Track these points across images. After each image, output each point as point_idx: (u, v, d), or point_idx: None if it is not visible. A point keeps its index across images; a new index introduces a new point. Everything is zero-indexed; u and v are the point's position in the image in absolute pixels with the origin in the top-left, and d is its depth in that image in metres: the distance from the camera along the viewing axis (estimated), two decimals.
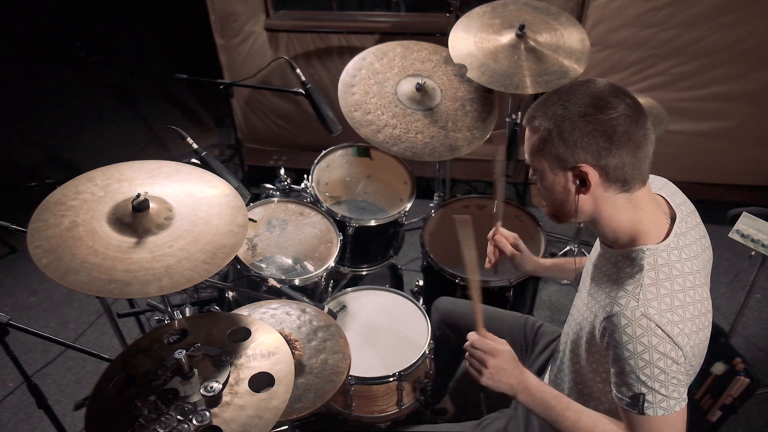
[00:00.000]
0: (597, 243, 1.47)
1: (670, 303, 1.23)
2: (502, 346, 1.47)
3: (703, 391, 2.21)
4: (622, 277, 1.29)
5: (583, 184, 1.26)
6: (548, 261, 1.92)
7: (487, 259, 1.89)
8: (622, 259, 1.32)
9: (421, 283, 2.65)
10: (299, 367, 1.67)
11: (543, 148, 1.27)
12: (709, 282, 1.40)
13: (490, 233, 1.88)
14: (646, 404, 1.23)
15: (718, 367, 2.20)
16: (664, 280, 1.25)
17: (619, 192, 1.27)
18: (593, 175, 1.24)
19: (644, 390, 1.22)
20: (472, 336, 1.50)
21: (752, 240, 2.15)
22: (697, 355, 1.30)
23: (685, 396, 1.25)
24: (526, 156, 1.33)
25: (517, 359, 1.47)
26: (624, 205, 1.28)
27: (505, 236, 1.86)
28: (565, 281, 1.88)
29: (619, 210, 1.29)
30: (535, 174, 1.34)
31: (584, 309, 1.41)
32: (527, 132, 1.31)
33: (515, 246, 1.86)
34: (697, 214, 1.43)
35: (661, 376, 1.21)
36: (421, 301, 2.51)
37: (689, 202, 1.44)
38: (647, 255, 1.27)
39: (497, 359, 1.44)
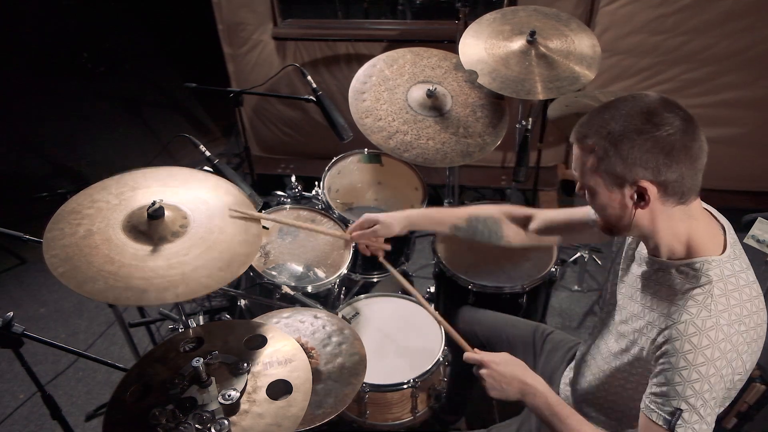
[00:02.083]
0: (638, 255, 1.44)
1: (740, 313, 1.22)
2: (496, 357, 1.53)
3: None
4: (688, 287, 1.27)
5: (642, 199, 1.25)
6: (414, 212, 1.89)
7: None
8: (685, 269, 1.29)
9: (432, 289, 2.64)
10: (317, 374, 1.66)
11: (599, 167, 1.25)
12: None
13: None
14: (680, 422, 1.20)
15: None
16: (733, 291, 1.24)
17: (676, 205, 1.26)
18: (652, 190, 1.22)
19: (684, 407, 1.19)
20: (464, 356, 1.58)
21: None
22: (753, 363, 1.28)
23: (713, 425, 1.23)
24: (577, 174, 1.32)
25: (520, 365, 1.52)
26: (680, 216, 1.27)
27: (363, 236, 1.86)
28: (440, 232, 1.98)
29: (675, 221, 1.28)
30: (584, 190, 1.33)
31: (635, 320, 1.38)
32: (578, 150, 1.29)
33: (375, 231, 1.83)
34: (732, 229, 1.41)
35: (707, 393, 1.19)
36: (434, 307, 2.50)
37: (723, 217, 1.42)
38: (714, 266, 1.25)
39: (490, 370, 1.51)
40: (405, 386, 1.97)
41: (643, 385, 1.31)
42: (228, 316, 2.39)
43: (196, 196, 1.64)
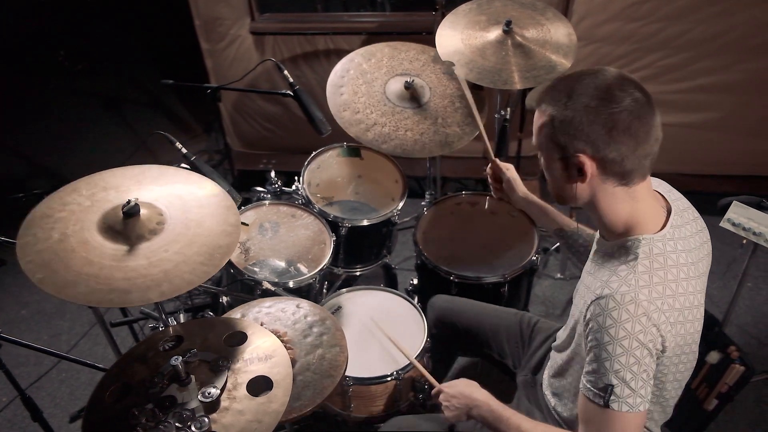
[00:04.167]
0: (594, 242, 1.47)
1: (662, 291, 1.23)
2: (449, 383, 1.66)
3: (699, 381, 2.21)
4: (616, 264, 1.29)
5: (581, 173, 1.27)
6: (536, 199, 1.90)
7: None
8: (617, 249, 1.32)
9: (415, 281, 2.65)
10: (294, 365, 1.65)
11: (545, 133, 1.29)
12: (706, 276, 1.41)
13: (487, 169, 1.95)
14: (612, 397, 1.23)
15: (713, 356, 2.21)
16: (658, 269, 1.25)
17: (617, 185, 1.28)
18: (590, 166, 1.25)
19: (615, 381, 1.22)
20: (433, 393, 1.73)
21: (743, 228, 2.16)
22: (683, 346, 1.30)
23: (649, 398, 1.26)
24: (533, 136, 1.35)
25: (470, 384, 1.61)
26: (622, 196, 1.29)
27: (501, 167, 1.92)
28: (543, 230, 1.98)
29: (616, 200, 1.30)
30: (540, 154, 1.36)
31: (580, 301, 1.42)
32: (536, 113, 1.32)
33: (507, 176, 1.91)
34: (694, 210, 1.43)
35: (634, 366, 1.21)
36: (416, 299, 2.51)
37: (685, 198, 1.45)
38: (643, 244, 1.28)
39: (444, 393, 1.64)
40: (389, 379, 1.97)
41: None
42: (211, 314, 2.39)
43: (170, 192, 1.63)
